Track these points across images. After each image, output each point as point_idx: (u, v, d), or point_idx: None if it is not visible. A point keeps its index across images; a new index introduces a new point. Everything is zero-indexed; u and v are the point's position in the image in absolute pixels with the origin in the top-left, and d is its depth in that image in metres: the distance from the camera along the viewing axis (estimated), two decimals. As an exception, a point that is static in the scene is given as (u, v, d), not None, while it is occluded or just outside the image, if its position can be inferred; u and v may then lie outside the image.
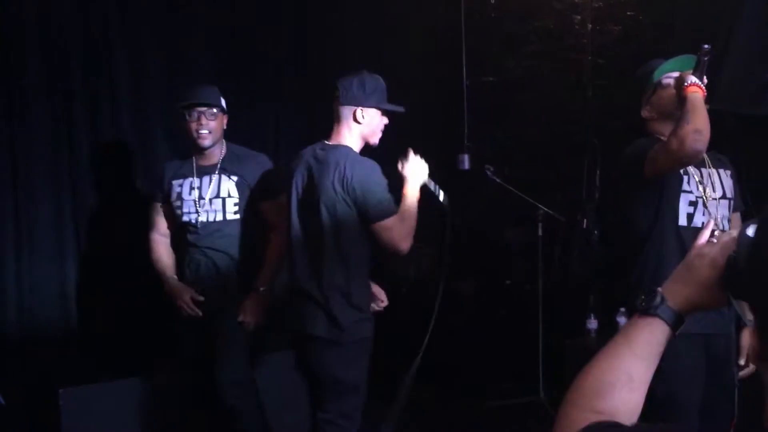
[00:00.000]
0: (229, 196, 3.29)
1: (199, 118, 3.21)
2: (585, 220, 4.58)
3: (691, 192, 2.54)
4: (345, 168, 2.67)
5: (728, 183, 2.65)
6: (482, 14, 5.22)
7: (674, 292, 1.15)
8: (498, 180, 4.46)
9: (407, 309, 4.92)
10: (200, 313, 3.24)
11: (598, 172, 4.58)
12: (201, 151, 3.29)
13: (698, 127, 2.32)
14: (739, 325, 2.30)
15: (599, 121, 4.77)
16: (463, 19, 5.20)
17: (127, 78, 4.11)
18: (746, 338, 2.36)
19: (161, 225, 3.41)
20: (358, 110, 2.81)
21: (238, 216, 3.30)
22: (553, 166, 5.02)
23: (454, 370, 4.71)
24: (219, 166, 3.31)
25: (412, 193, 2.79)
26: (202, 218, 3.25)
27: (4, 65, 3.73)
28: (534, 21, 5.06)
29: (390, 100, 2.92)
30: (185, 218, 3.28)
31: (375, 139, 2.91)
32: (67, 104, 3.90)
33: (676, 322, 1.14)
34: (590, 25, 4.81)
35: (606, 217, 4.44)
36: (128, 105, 4.12)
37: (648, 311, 1.14)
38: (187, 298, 3.25)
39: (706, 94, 2.41)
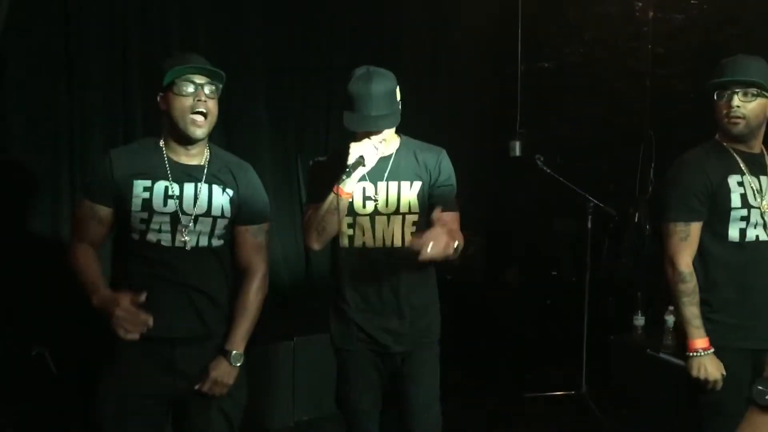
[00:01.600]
0: (222, 216, 2.39)
1: (197, 93, 2.31)
2: (637, 214, 4.48)
3: (741, 208, 2.45)
4: None
5: None
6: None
7: None
8: (548, 170, 4.38)
9: (453, 296, 4.91)
10: (150, 324, 2.17)
11: (653, 165, 4.47)
12: (187, 142, 2.36)
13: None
14: None
15: (656, 112, 4.65)
16: (521, 3, 5.11)
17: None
18: None
19: (95, 235, 2.37)
20: None
21: (222, 242, 2.41)
22: (607, 157, 4.91)
23: (495, 358, 4.68)
24: (206, 171, 2.40)
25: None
26: (183, 241, 2.33)
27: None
28: (594, 6, 4.94)
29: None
30: (151, 237, 2.32)
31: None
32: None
33: None
34: (652, 13, 4.67)
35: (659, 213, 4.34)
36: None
37: None
38: (127, 302, 2.17)
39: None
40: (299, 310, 4.39)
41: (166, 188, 2.32)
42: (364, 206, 2.45)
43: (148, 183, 2.32)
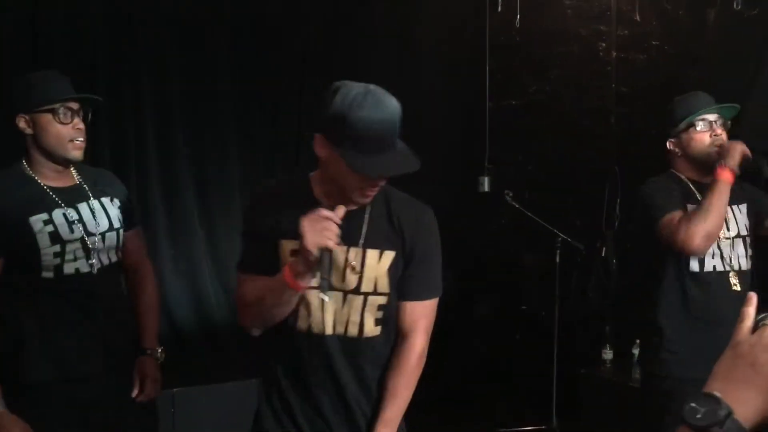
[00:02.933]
0: (121, 225, 2.37)
1: (74, 122, 2.24)
2: (604, 249, 4.54)
3: None
4: None
5: (742, 220, 2.60)
6: (507, 38, 5.22)
7: (742, 400, 0.83)
8: (516, 205, 4.43)
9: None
10: None
11: (618, 200, 4.54)
12: (64, 165, 2.29)
13: (711, 230, 2.37)
14: None
15: (621, 149, 4.75)
16: (488, 42, 5.21)
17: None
18: None
19: None
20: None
21: (121, 255, 2.40)
22: (574, 193, 4.99)
23: (466, 393, 4.67)
24: (84, 186, 2.33)
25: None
26: (93, 264, 2.24)
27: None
28: (558, 46, 5.05)
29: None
30: (68, 269, 2.21)
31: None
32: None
33: None
34: (615, 53, 4.80)
35: (625, 247, 4.40)
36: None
37: (709, 429, 0.82)
38: None
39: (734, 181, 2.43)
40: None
41: (64, 215, 2.23)
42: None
43: (44, 216, 2.20)
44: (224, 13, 4.49)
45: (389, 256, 1.80)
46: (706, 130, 2.53)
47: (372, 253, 1.78)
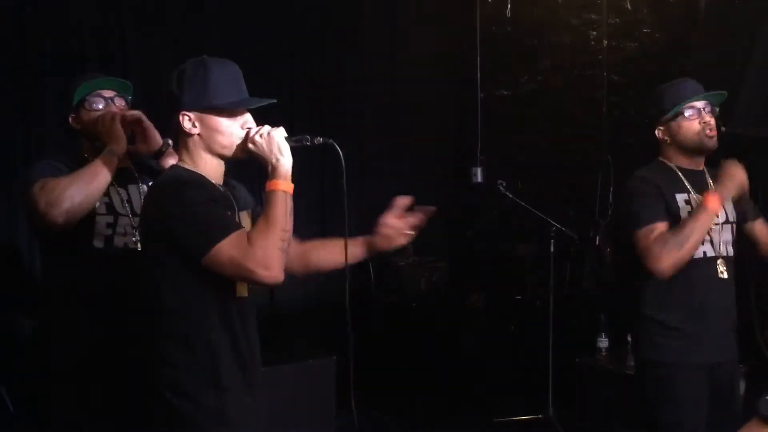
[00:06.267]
0: None
1: (108, 106, 2.38)
2: (597, 238, 4.55)
3: None
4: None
5: (729, 207, 2.62)
6: (498, 28, 5.22)
7: None
8: (510, 195, 4.44)
9: (419, 323, 4.91)
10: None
11: (611, 188, 4.55)
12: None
13: (683, 258, 2.40)
14: None
15: (613, 138, 4.75)
16: (479, 33, 5.21)
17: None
18: None
19: None
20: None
21: None
22: (567, 182, 5.00)
23: (461, 384, 4.68)
24: (134, 170, 2.45)
25: (278, 185, 1.82)
26: (136, 241, 2.34)
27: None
28: (550, 36, 5.05)
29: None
30: (117, 242, 2.34)
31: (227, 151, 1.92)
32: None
33: None
34: (606, 42, 4.80)
35: (618, 236, 4.41)
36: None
37: None
38: None
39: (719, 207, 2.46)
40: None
41: (118, 192, 2.37)
42: None
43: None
44: (214, 12, 4.47)
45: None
46: (695, 117, 2.54)
47: (244, 215, 2.01)
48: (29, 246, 3.62)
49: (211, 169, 1.92)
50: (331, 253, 2.13)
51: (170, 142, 2.37)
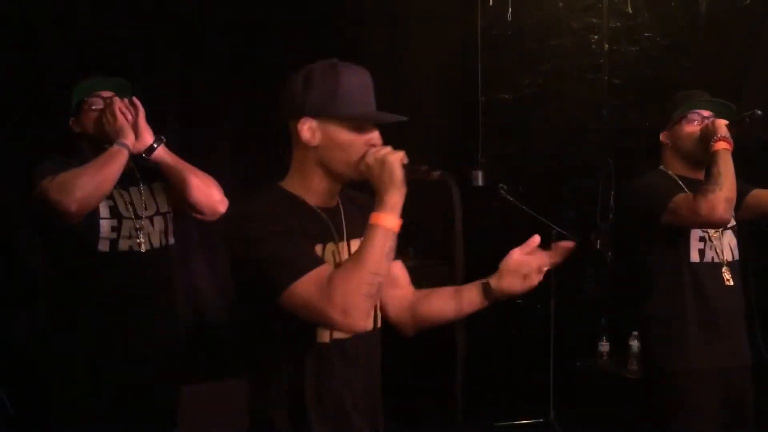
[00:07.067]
0: (168, 210, 2.52)
1: (108, 106, 2.39)
2: (598, 241, 4.55)
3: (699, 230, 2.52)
4: None
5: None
6: (499, 31, 5.22)
7: None
8: (511, 199, 4.43)
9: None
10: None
11: (612, 192, 4.55)
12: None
13: (729, 195, 2.33)
14: None
15: (614, 141, 4.75)
16: (480, 36, 5.21)
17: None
18: None
19: None
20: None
21: (173, 241, 2.55)
22: (567, 186, 4.99)
23: (463, 387, 4.67)
24: (136, 171, 2.48)
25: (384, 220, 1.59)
26: (150, 244, 2.40)
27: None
28: (550, 39, 5.05)
29: (406, 116, 1.86)
30: (122, 245, 2.37)
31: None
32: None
33: None
34: (607, 45, 4.80)
35: (620, 239, 4.40)
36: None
37: None
38: None
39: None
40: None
41: (121, 194, 2.40)
42: None
43: None
44: (217, 13, 4.46)
45: None
46: (698, 124, 2.54)
47: (356, 243, 1.70)
48: (29, 248, 3.61)
49: (321, 188, 1.69)
50: (444, 303, 1.90)
51: (163, 138, 2.37)
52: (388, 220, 1.57)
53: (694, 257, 2.51)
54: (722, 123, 2.44)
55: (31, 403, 3.24)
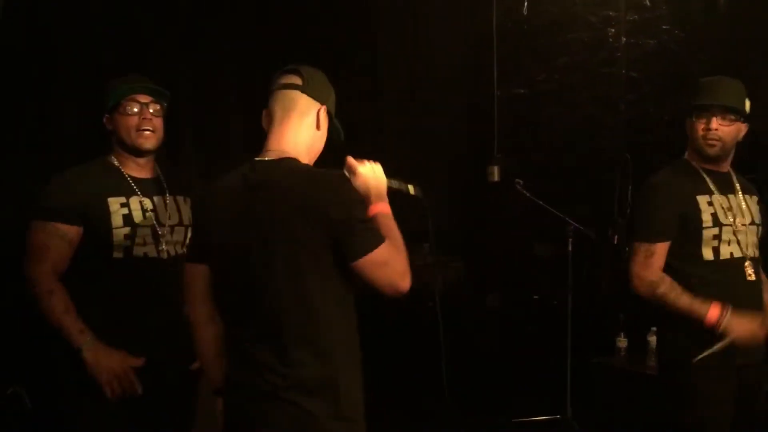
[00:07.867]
0: (190, 225, 2.44)
1: (142, 112, 2.38)
2: (616, 236, 4.50)
3: (712, 226, 2.49)
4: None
5: (755, 208, 2.61)
6: (515, 26, 5.19)
7: None
8: (528, 194, 4.40)
9: (435, 323, 4.88)
10: (140, 391, 2.28)
11: (630, 187, 4.51)
12: (137, 155, 2.42)
13: (659, 301, 2.50)
14: None
15: (631, 136, 4.71)
16: (495, 31, 5.18)
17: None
18: None
19: (60, 257, 2.30)
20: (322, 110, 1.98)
21: None
22: (584, 181, 4.95)
23: (479, 384, 4.65)
24: (162, 180, 2.48)
25: (385, 208, 1.94)
26: (163, 250, 2.37)
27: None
28: (567, 33, 5.01)
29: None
30: (137, 252, 2.34)
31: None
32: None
33: None
34: (624, 39, 4.75)
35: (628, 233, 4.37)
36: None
37: None
38: (127, 365, 2.26)
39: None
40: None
41: (140, 203, 2.39)
42: None
43: (122, 199, 2.36)
44: (227, 8, 4.47)
45: None
46: (702, 121, 2.50)
47: None
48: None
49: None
50: None
51: None
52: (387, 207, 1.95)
53: (707, 256, 2.49)
54: (746, 338, 2.46)
55: (49, 399, 3.28)
